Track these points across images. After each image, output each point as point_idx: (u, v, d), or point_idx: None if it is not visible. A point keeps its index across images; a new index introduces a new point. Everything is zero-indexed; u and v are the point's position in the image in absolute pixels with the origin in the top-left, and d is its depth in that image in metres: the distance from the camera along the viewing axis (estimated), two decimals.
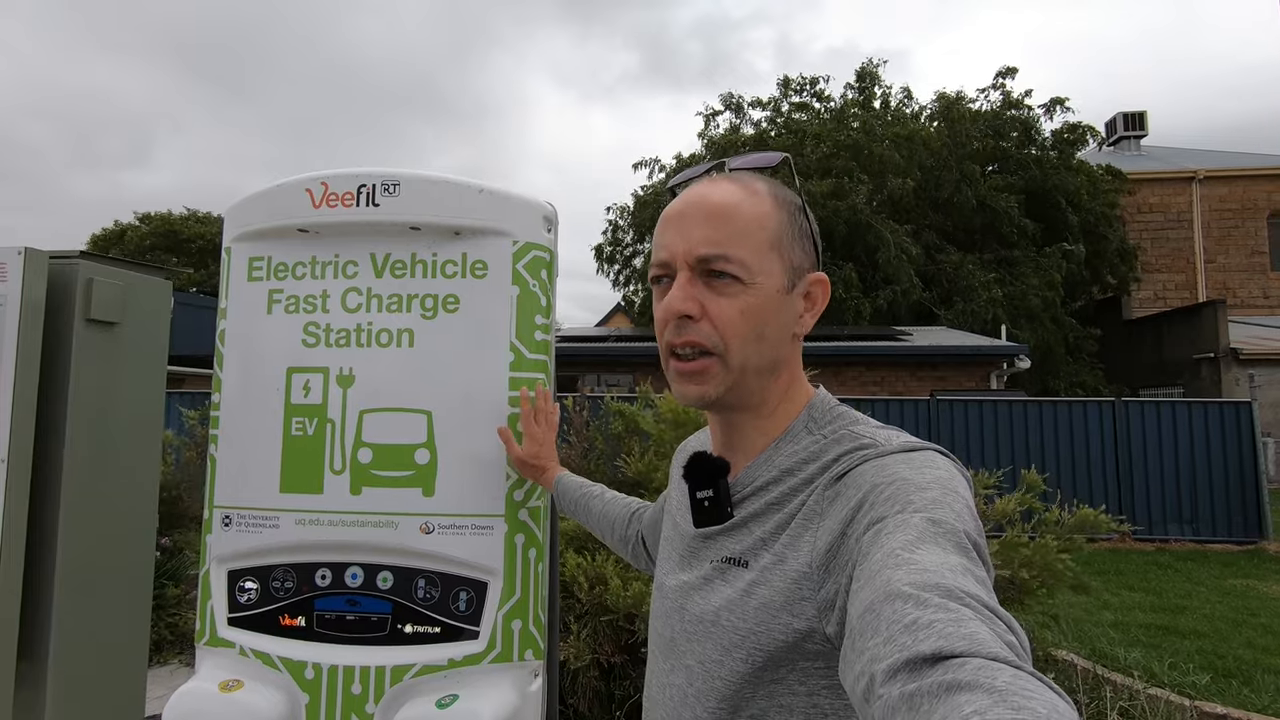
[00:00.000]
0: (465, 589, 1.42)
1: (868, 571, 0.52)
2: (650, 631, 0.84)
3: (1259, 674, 3.94)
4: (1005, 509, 2.94)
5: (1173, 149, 23.33)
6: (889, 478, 0.61)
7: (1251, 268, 19.38)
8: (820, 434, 0.73)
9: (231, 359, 1.55)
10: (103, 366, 2.04)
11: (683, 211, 0.75)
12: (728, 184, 0.75)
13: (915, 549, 0.51)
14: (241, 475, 1.51)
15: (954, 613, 0.43)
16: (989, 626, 0.43)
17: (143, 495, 2.18)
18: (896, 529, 0.55)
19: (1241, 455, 8.15)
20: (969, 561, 0.51)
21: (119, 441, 2.09)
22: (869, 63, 18.61)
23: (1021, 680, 0.38)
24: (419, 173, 1.49)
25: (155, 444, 2.26)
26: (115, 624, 2.02)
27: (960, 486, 0.61)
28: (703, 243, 0.72)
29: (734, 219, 0.72)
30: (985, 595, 0.46)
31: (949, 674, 0.39)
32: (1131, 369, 16.62)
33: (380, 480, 1.44)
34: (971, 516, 0.57)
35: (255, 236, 1.57)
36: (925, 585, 0.46)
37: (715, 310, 0.72)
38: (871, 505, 0.60)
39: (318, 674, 1.38)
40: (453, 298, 1.48)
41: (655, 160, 19.68)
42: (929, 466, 0.62)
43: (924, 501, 0.57)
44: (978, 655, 0.40)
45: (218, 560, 1.50)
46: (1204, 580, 6.36)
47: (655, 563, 1.11)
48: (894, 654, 0.43)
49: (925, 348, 11.23)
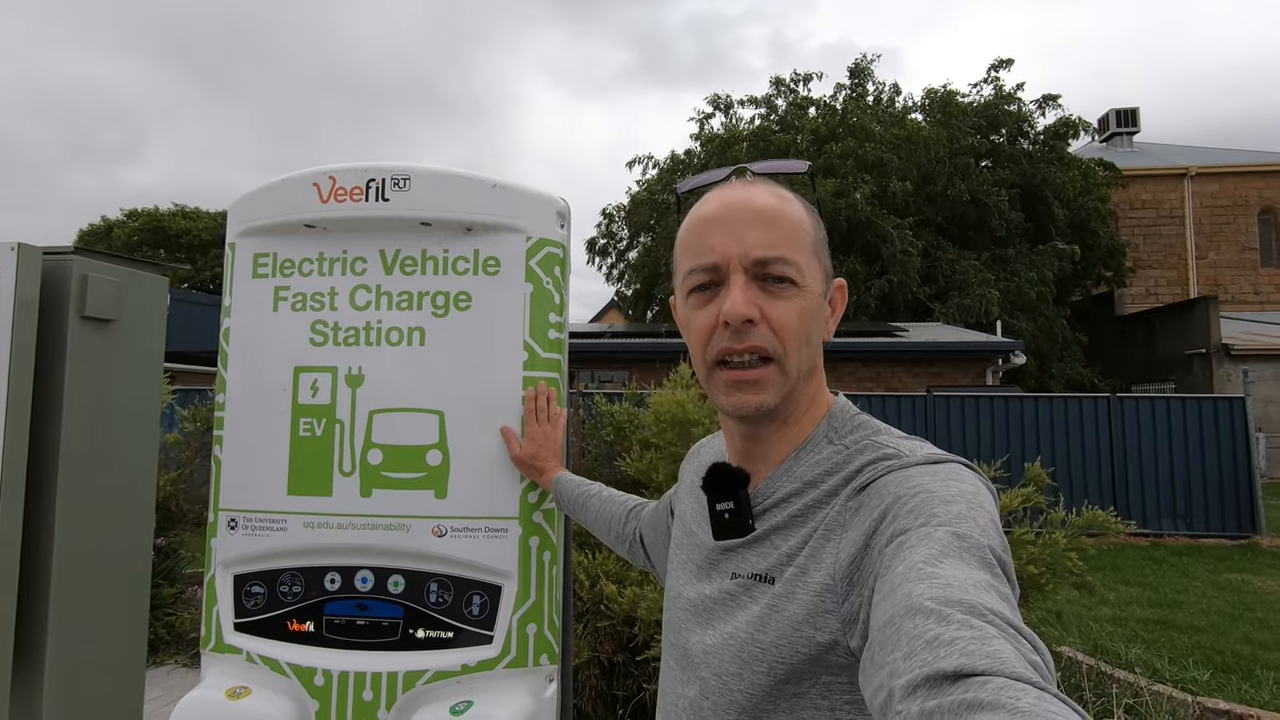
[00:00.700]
0: (479, 593, 1.39)
1: (889, 584, 0.51)
2: (665, 640, 0.81)
3: (1258, 669, 3.95)
4: (1009, 505, 2.93)
5: (1165, 145, 23.46)
6: (913, 490, 0.60)
7: (1242, 264, 19.52)
8: (841, 444, 0.72)
9: (236, 358, 1.51)
10: (98, 364, 1.99)
11: (727, 214, 0.72)
12: (763, 188, 0.74)
13: (938, 563, 0.50)
14: (247, 477, 1.47)
15: (977, 630, 0.42)
16: (1013, 645, 0.42)
17: (139, 495, 2.14)
18: (920, 542, 0.53)
19: (1235, 450, 8.20)
20: (993, 578, 0.49)
21: (115, 440, 2.05)
22: (862, 58, 18.62)
23: (1045, 702, 0.36)
24: (430, 167, 1.45)
25: (152, 443, 2.21)
26: (112, 624, 1.97)
27: (985, 501, 0.59)
28: (759, 245, 0.70)
29: (783, 222, 0.71)
30: (1009, 612, 0.45)
31: (970, 692, 0.38)
32: (1124, 365, 16.73)
33: (391, 482, 1.41)
34: (996, 531, 0.56)
35: (260, 232, 1.52)
36: (948, 601, 0.45)
37: (774, 314, 0.70)
38: (895, 517, 0.58)
39: (328, 680, 1.35)
40: (464, 295, 1.45)
41: (649, 157, 19.69)
42: (954, 479, 0.61)
43: (948, 515, 0.55)
44: (1001, 674, 0.38)
45: (223, 564, 1.46)
46: (1199, 575, 6.40)
47: (653, 562, 1.09)
48: (914, 669, 0.41)
49: (921, 344, 11.25)
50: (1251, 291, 19.41)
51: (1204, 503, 8.21)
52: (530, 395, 1.42)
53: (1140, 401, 8.49)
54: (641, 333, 13.66)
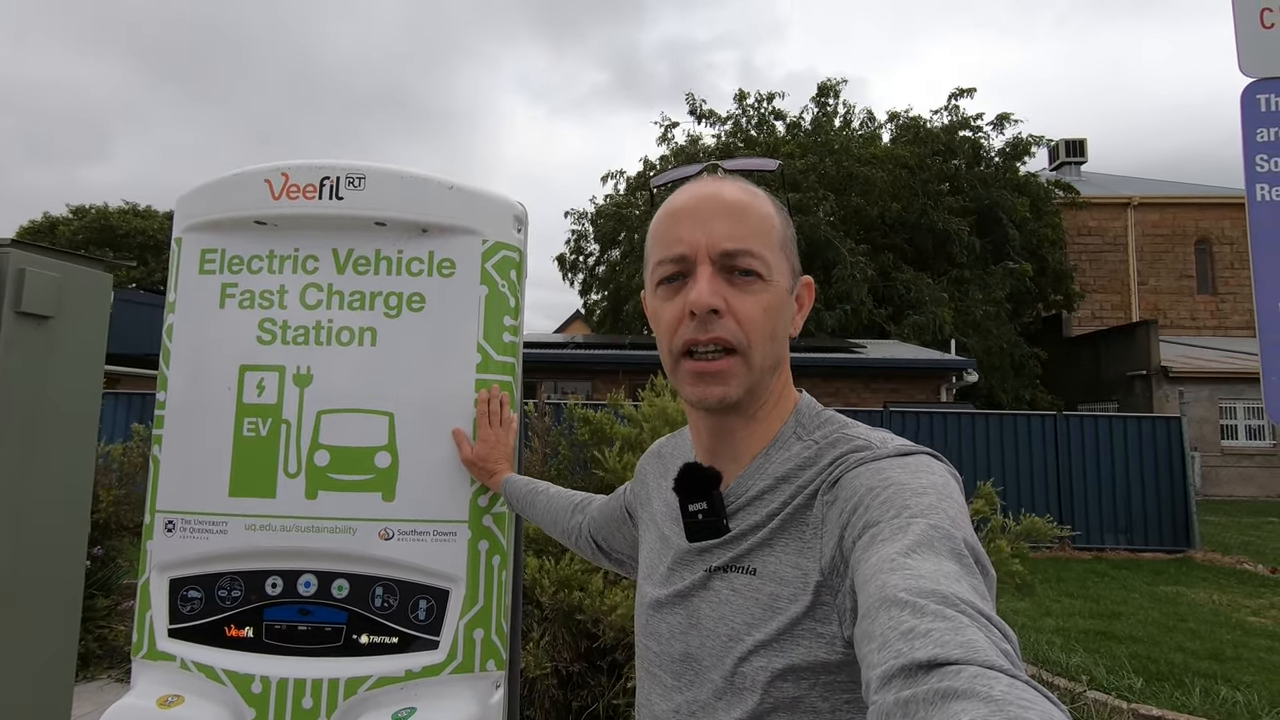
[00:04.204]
0: (425, 597, 1.37)
1: (863, 576, 0.52)
2: (645, 650, 0.79)
3: (1189, 676, 4.12)
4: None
5: (1110, 176, 24.54)
6: (883, 482, 0.60)
7: (1180, 290, 20.49)
8: (811, 439, 0.72)
9: (180, 355, 1.47)
10: (34, 362, 1.92)
11: (695, 206, 0.72)
12: (733, 184, 0.74)
13: (911, 555, 0.51)
14: (187, 478, 1.42)
15: (951, 620, 0.43)
16: (985, 634, 0.43)
17: (74, 500, 2.06)
18: (892, 535, 0.54)
19: (1172, 468, 8.57)
20: (963, 568, 0.50)
21: (50, 443, 1.97)
22: (829, 80, 19.08)
23: (1018, 690, 0.37)
24: (386, 166, 1.44)
25: (89, 446, 2.13)
26: (41, 637, 1.89)
27: (954, 492, 0.60)
28: (726, 237, 0.70)
29: (751, 216, 0.72)
30: (980, 602, 0.46)
31: (945, 681, 0.38)
32: (1071, 385, 17.34)
33: (338, 484, 1.39)
34: (966, 521, 0.57)
35: (209, 227, 1.49)
36: (922, 592, 0.46)
37: (739, 307, 0.70)
38: (867, 509, 0.59)
39: (265, 687, 1.31)
40: (418, 296, 1.44)
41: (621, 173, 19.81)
42: (924, 471, 0.62)
43: (920, 507, 0.56)
44: (974, 663, 0.39)
45: (159, 568, 1.41)
46: (1138, 587, 6.64)
47: (606, 553, 1.08)
48: (889, 660, 0.42)
49: (879, 360, 11.50)
50: (1189, 317, 20.37)
51: (1143, 518, 8.54)
52: (483, 398, 1.42)
53: (1085, 420, 8.83)
54: (604, 344, 13.66)
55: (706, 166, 0.79)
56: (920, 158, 17.00)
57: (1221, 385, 15.30)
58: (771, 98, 19.27)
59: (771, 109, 19.24)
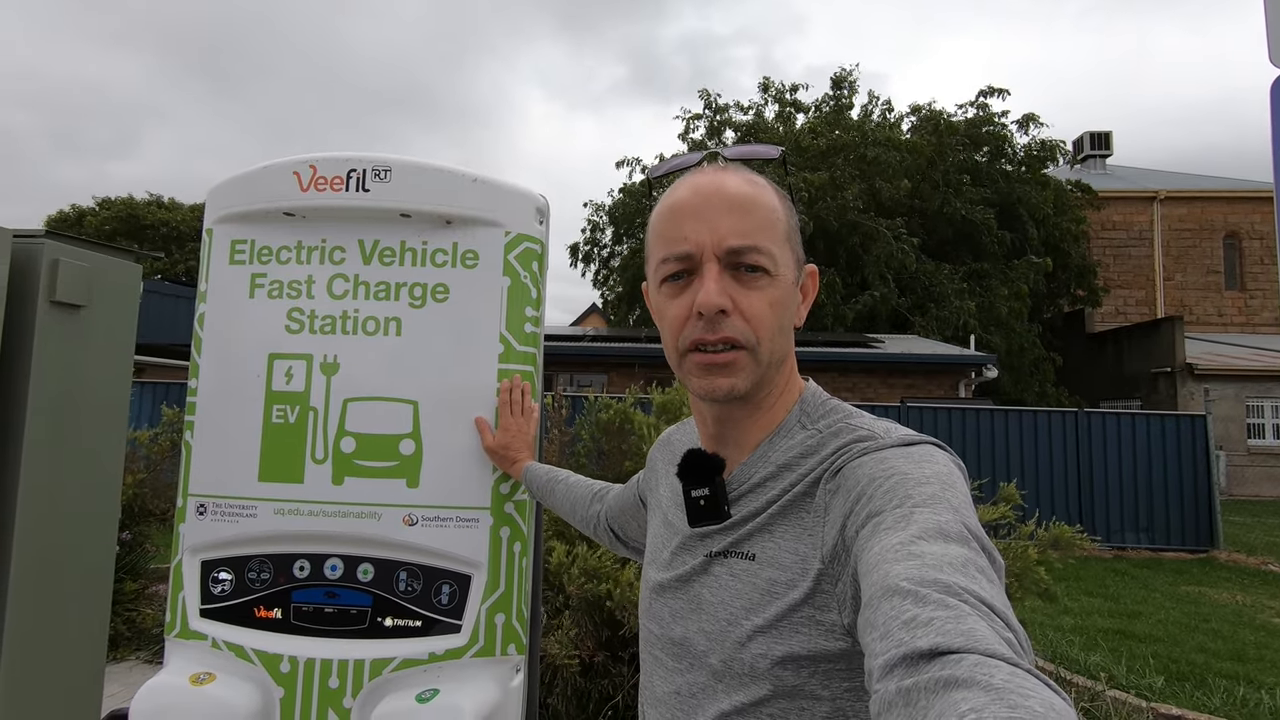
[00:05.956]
0: (448, 582, 1.40)
1: (866, 565, 0.52)
2: (648, 633, 0.79)
3: (1210, 677, 4.07)
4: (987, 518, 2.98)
5: (1136, 169, 24.09)
6: (887, 471, 0.60)
7: (1207, 286, 20.09)
8: (815, 428, 0.72)
9: (211, 344, 1.51)
10: (66, 351, 1.97)
11: (700, 202, 0.71)
12: (735, 175, 0.73)
13: (914, 544, 0.50)
14: (218, 463, 1.46)
15: (953, 609, 0.43)
16: (987, 623, 0.43)
17: (105, 486, 2.10)
18: (895, 524, 0.54)
19: (1196, 467, 8.43)
20: (967, 556, 0.50)
21: (82, 430, 2.01)
22: (844, 70, 18.89)
23: (1019, 678, 0.37)
24: (412, 159, 1.46)
25: (120, 433, 2.18)
26: (72, 620, 1.94)
27: (958, 481, 0.60)
28: (732, 234, 0.69)
29: (756, 209, 0.71)
30: (983, 591, 0.46)
31: (946, 670, 0.39)
32: (1093, 381, 17.09)
33: (363, 470, 1.42)
34: (970, 510, 0.57)
35: (238, 219, 1.53)
36: (924, 581, 0.46)
37: (746, 304, 0.69)
38: (870, 499, 0.59)
39: (294, 667, 1.35)
40: (442, 287, 1.46)
41: (637, 160, 19.71)
42: (927, 461, 0.61)
43: (923, 496, 0.56)
44: (975, 651, 0.39)
45: (191, 550, 1.45)
46: (1159, 587, 6.56)
47: (623, 542, 1.09)
48: (891, 649, 0.42)
49: (897, 355, 11.42)
50: (1216, 314, 19.97)
51: (1165, 517, 8.41)
52: (505, 387, 1.44)
53: (1106, 417, 8.70)
54: (620, 337, 13.69)
55: (707, 155, 0.78)
56: (941, 149, 16.78)
57: (1249, 383, 15.02)
58: (795, 89, 19.13)
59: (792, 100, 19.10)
